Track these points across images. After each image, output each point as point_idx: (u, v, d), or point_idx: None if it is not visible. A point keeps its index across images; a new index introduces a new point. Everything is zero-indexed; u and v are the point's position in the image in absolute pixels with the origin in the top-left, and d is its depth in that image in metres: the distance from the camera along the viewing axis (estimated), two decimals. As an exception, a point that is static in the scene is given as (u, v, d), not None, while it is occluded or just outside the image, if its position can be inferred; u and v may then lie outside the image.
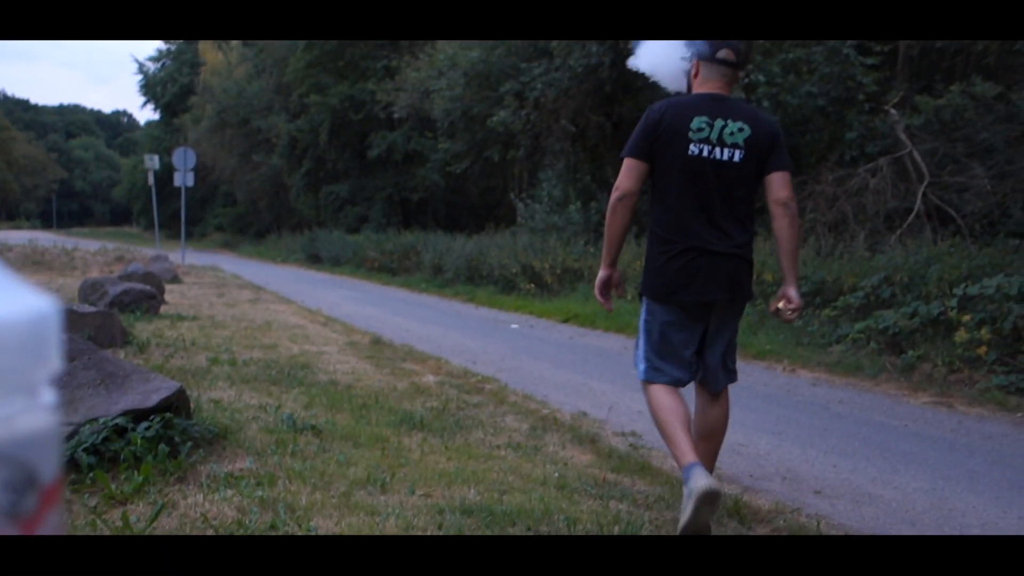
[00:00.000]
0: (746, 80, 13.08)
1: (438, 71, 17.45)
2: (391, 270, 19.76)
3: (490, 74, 16.71)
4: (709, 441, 3.41)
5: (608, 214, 3.39)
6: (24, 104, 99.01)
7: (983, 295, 6.93)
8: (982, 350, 6.65)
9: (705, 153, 3.18)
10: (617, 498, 3.49)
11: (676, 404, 3.22)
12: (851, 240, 10.46)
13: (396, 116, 20.88)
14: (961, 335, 6.82)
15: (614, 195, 3.33)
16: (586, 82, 14.39)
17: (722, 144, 3.19)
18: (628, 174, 3.29)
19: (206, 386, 5.15)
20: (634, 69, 3.71)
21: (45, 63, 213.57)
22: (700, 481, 2.86)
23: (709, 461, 3.35)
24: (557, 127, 14.92)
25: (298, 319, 9.83)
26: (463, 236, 17.85)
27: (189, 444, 3.44)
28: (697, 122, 3.19)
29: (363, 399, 5.14)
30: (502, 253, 14.80)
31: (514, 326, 10.48)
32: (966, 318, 6.92)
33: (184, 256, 21.44)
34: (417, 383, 5.96)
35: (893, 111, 12.52)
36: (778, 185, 3.27)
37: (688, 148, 3.19)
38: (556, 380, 6.79)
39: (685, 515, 2.86)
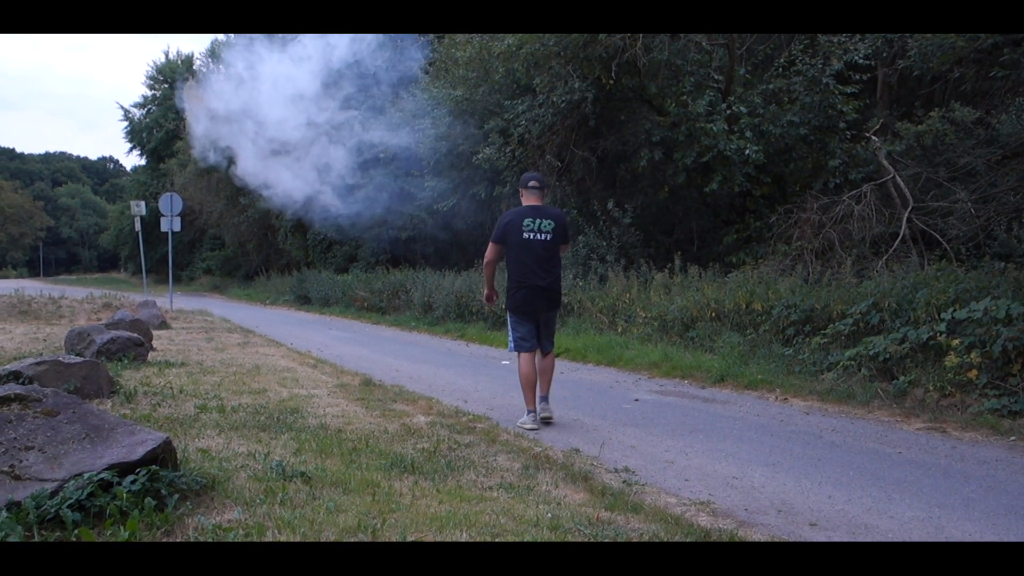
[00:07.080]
0: (728, 112, 13.22)
1: (423, 110, 17.58)
2: (381, 309, 19.69)
3: (474, 112, 16.83)
4: (544, 375, 6.47)
5: (484, 268, 6.55)
6: (10, 153, 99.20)
7: (971, 319, 6.95)
8: (973, 374, 6.65)
9: (532, 237, 6.27)
10: (611, 537, 3.44)
11: (531, 372, 6.31)
12: (838, 267, 10.48)
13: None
14: (951, 359, 6.82)
15: (485, 260, 6.48)
16: (570, 118, 14.51)
17: (540, 231, 6.27)
18: (491, 251, 6.43)
19: (194, 435, 5.09)
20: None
21: (31, 111, 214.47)
22: (535, 418, 6.23)
23: (546, 386, 6.48)
24: (542, 162, 15.00)
25: (288, 362, 9.76)
26: (452, 273, 17.83)
27: (176, 496, 3.38)
28: (527, 221, 6.28)
29: (353, 443, 5.08)
30: (491, 289, 14.74)
31: (505, 362, 10.44)
32: (955, 342, 6.93)
33: (172, 301, 21.34)
34: (408, 424, 5.91)
35: (875, 138, 12.65)
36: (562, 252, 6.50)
37: (523, 235, 6.26)
38: (548, 417, 6.74)
39: (529, 418, 6.26)
